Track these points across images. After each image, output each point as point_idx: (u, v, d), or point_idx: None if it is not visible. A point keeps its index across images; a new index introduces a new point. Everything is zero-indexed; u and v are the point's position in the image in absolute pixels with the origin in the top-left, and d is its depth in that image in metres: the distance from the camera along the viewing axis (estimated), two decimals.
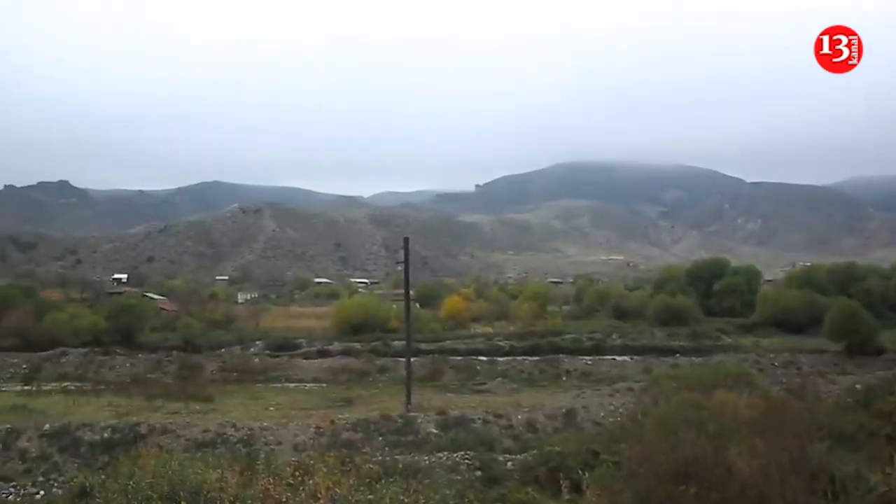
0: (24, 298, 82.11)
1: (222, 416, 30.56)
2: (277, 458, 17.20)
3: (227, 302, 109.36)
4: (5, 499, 18.48)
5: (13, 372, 51.10)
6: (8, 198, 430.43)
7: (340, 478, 10.71)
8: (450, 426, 28.00)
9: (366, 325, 68.84)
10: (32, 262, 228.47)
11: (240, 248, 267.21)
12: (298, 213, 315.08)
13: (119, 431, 26.78)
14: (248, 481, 11.24)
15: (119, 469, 14.82)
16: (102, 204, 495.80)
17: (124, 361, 53.60)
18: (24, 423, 28.14)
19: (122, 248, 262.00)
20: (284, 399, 40.16)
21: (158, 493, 10.93)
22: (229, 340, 64.94)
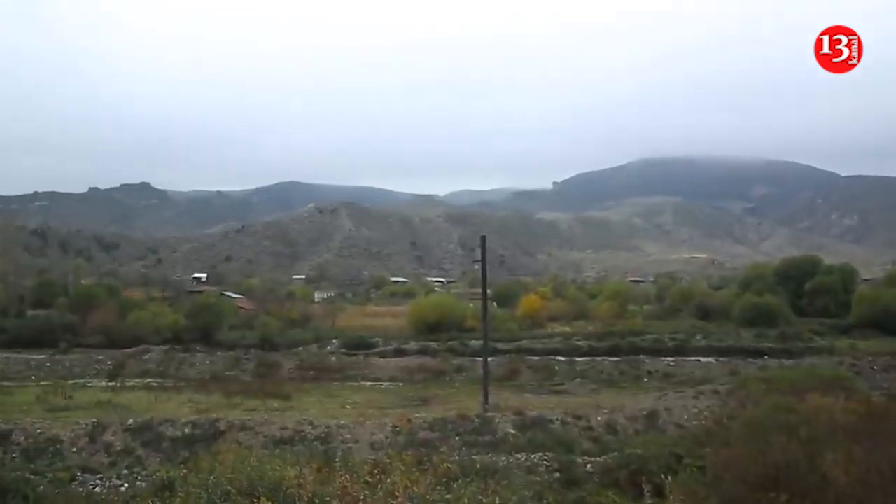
0: (108, 297, 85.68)
1: (300, 414, 31.03)
2: (354, 457, 17.38)
3: (303, 301, 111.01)
4: (92, 490, 19.21)
5: (98, 368, 53.03)
6: (92, 200, 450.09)
7: (418, 477, 10.71)
8: (527, 427, 27.76)
9: (442, 324, 69.01)
10: (116, 261, 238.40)
11: (316, 248, 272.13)
12: (375, 213, 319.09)
13: (199, 427, 27.48)
14: (325, 479, 11.33)
15: (199, 464, 15.20)
16: (182, 205, 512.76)
17: (204, 359, 55.03)
18: (109, 417, 29.15)
19: (202, 247, 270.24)
20: (361, 398, 40.54)
21: (237, 489, 11.13)
22: (306, 339, 65.92)
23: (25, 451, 25.55)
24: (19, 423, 28.00)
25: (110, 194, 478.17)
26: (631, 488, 15.85)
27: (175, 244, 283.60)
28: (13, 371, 52.16)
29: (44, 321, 76.04)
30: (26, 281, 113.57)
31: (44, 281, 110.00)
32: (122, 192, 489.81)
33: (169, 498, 12.33)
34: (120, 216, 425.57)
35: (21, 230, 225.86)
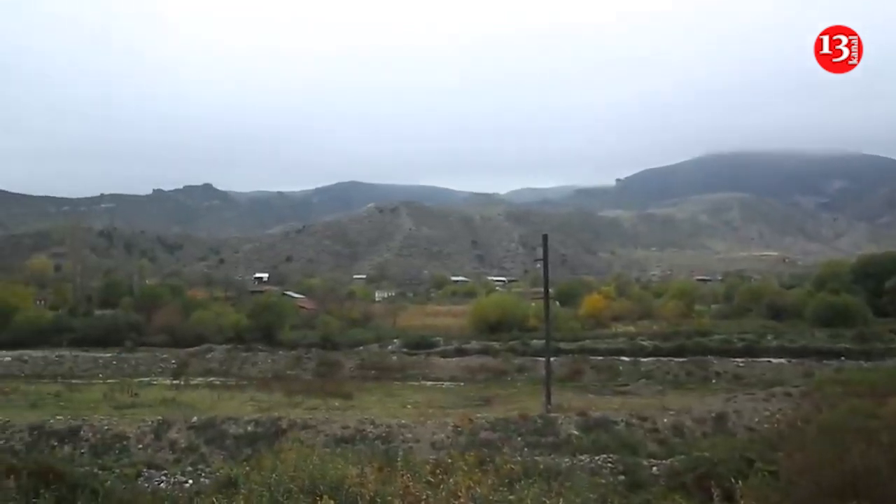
0: (172, 297, 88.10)
1: (361, 413, 31.32)
2: (416, 456, 17.41)
3: (364, 300, 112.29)
4: (157, 486, 19.70)
5: (163, 367, 54.61)
6: (156, 201, 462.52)
7: (480, 477, 10.66)
8: (591, 428, 27.46)
9: (504, 323, 68.91)
10: (179, 262, 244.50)
11: (377, 247, 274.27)
12: (435, 212, 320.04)
13: (261, 426, 27.95)
14: (387, 478, 11.35)
15: (262, 462, 15.41)
16: (244, 205, 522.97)
17: (265, 358, 56.08)
18: (174, 415, 29.90)
19: (263, 247, 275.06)
20: (422, 397, 40.72)
21: (299, 487, 11.25)
22: (367, 338, 66.54)
23: (94, 447, 26.38)
24: (87, 420, 28.93)
25: (174, 196, 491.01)
26: (699, 492, 15.50)
27: (237, 244, 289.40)
28: (81, 369, 54.06)
29: (110, 320, 78.55)
30: (93, 281, 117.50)
31: (110, 281, 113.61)
32: (184, 194, 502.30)
33: (232, 495, 12.52)
34: (183, 217, 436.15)
35: (88, 232, 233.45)
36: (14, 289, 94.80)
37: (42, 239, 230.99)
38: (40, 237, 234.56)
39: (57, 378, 50.76)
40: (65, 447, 25.98)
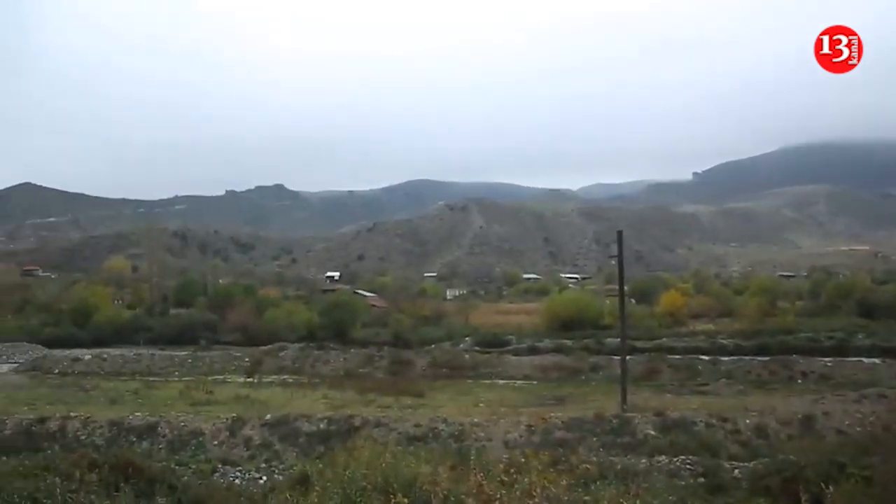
0: (245, 296, 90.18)
1: (433, 412, 31.41)
2: (488, 455, 17.35)
3: (435, 298, 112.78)
4: (232, 482, 20.14)
5: (237, 365, 55.85)
6: (229, 202, 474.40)
7: (555, 477, 10.53)
8: (669, 428, 26.94)
9: (577, 321, 68.43)
10: (252, 261, 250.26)
11: (447, 245, 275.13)
12: (506, 209, 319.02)
13: (334, 423, 28.34)
14: (459, 477, 11.31)
15: (335, 459, 15.57)
16: (315, 205, 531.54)
17: (338, 356, 56.76)
18: (248, 412, 30.59)
19: (334, 246, 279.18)
20: (494, 396, 40.63)
21: (372, 485, 11.30)
22: (439, 336, 66.86)
23: (170, 442, 27.20)
24: (164, 417, 29.85)
25: (246, 196, 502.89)
26: (784, 497, 14.99)
27: (308, 243, 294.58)
28: (158, 367, 55.72)
29: (185, 320, 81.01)
30: (169, 281, 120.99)
31: (185, 281, 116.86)
32: (256, 194, 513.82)
33: (305, 492, 12.68)
34: (255, 217, 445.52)
35: (163, 233, 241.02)
36: (93, 289, 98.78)
37: (119, 240, 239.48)
38: (118, 238, 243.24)
39: (135, 375, 52.55)
40: (143, 443, 26.86)
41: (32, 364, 58.05)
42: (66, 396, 39.15)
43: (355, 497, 10.89)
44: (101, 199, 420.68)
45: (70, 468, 14.17)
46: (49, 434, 28.13)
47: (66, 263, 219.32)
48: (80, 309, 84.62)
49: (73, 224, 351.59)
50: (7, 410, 32.20)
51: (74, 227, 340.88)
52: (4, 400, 37.15)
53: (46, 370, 55.21)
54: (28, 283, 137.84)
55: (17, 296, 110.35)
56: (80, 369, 55.18)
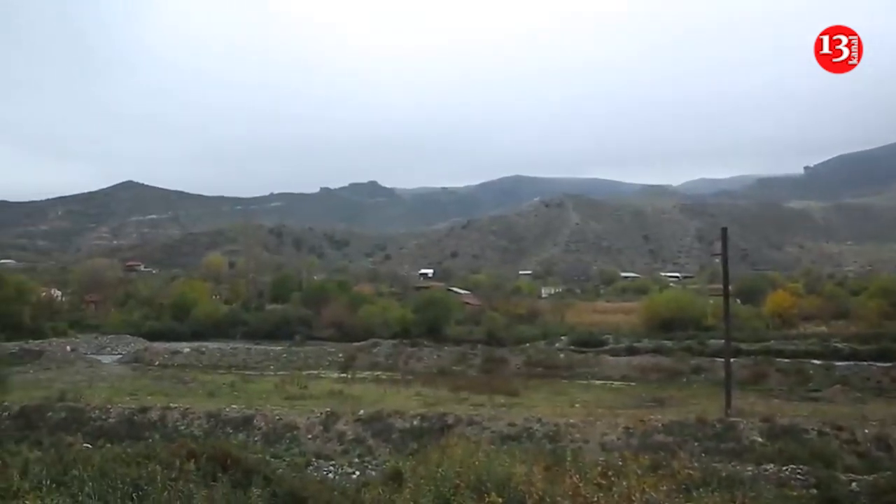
0: (340, 292, 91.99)
1: (527, 411, 31.26)
2: (585, 457, 17.13)
3: (530, 296, 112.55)
4: (325, 476, 20.55)
5: (331, 360, 57.15)
6: (323, 199, 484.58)
7: (655, 481, 10.30)
8: (777, 435, 26.01)
9: (678, 321, 67.18)
10: (346, 258, 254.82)
11: (543, 242, 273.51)
12: (603, 205, 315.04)
13: (427, 420, 28.58)
14: (554, 478, 11.22)
15: (428, 456, 15.67)
16: (409, 202, 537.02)
17: (431, 353, 57.31)
18: (342, 407, 31.15)
19: (428, 243, 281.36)
20: (590, 396, 40.19)
21: (465, 483, 11.31)
22: (533, 335, 66.70)
23: (266, 435, 28.00)
24: (260, 410, 30.74)
25: (340, 193, 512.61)
26: None
27: (402, 240, 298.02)
28: (254, 361, 57.50)
29: (281, 315, 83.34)
30: (265, 277, 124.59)
31: (280, 277, 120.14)
32: (351, 191, 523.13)
33: (398, 488, 12.81)
34: (349, 214, 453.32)
35: (259, 229, 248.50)
36: (192, 284, 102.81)
37: (217, 237, 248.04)
38: (216, 235, 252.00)
39: (231, 369, 54.44)
40: (239, 435, 27.70)
41: (134, 356, 60.83)
42: (165, 388, 40.76)
43: (448, 495, 10.93)
44: (200, 197, 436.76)
45: (170, 457, 14.75)
46: (150, 423, 29.39)
47: (166, 259, 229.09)
48: (179, 303, 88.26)
49: (173, 221, 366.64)
50: (111, 400, 33.80)
51: (175, 225, 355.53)
52: (108, 390, 38.96)
53: (147, 362, 57.78)
54: (131, 279, 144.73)
55: (120, 290, 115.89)
56: (179, 362, 57.51)
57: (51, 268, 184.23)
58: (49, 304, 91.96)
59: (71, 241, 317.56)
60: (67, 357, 58.09)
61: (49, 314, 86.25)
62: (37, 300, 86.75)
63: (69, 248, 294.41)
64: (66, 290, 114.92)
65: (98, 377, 46.83)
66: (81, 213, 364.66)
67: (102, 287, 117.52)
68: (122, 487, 11.31)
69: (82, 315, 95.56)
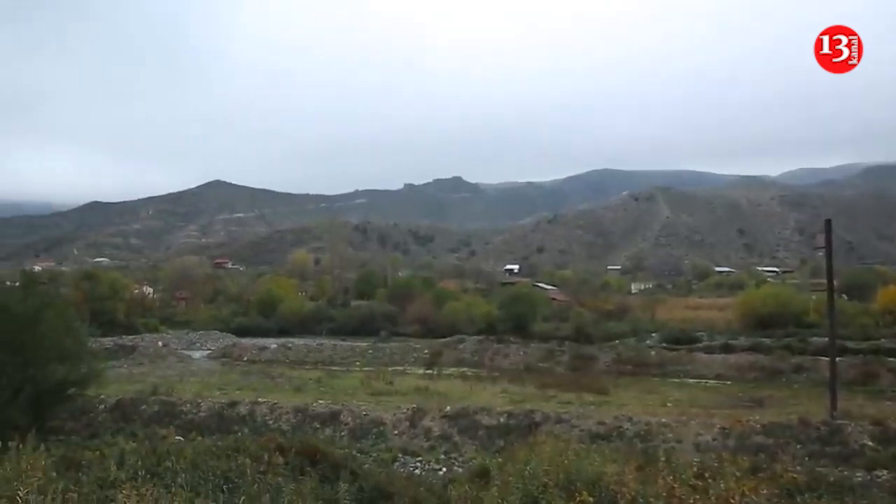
0: (424, 289, 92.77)
1: (617, 409, 30.87)
2: (678, 457, 16.80)
3: (619, 292, 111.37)
4: (412, 472, 20.72)
5: (416, 356, 57.69)
6: (408, 195, 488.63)
7: (756, 484, 10.00)
8: (890, 440, 24.88)
9: (777, 318, 65.34)
10: (430, 254, 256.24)
11: (632, 237, 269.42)
12: (695, 198, 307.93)
13: (514, 418, 28.51)
14: (647, 478, 11.08)
15: (516, 454, 15.63)
16: (493, 197, 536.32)
17: (517, 350, 57.20)
18: (428, 404, 31.36)
19: (513, 239, 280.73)
20: (683, 395, 39.40)
21: (554, 481, 11.23)
22: (623, 332, 66.04)
23: (352, 430, 28.44)
24: (346, 405, 31.22)
25: (424, 189, 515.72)
26: None
27: (487, 236, 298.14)
28: (340, 357, 58.49)
29: (366, 311, 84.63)
30: (350, 273, 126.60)
31: (365, 273, 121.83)
32: (435, 187, 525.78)
33: (485, 485, 12.80)
34: (434, 210, 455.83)
35: (344, 226, 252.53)
36: (279, 281, 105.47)
37: (303, 234, 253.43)
38: (301, 232, 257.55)
39: (318, 365, 55.48)
40: (326, 430, 28.27)
41: (223, 351, 62.72)
42: (253, 383, 41.82)
43: (536, 493, 10.88)
44: (285, 195, 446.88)
45: (259, 450, 15.22)
46: (239, 417, 30.22)
47: (253, 256, 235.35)
48: (266, 300, 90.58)
49: (259, 219, 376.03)
50: (201, 394, 34.89)
51: (261, 222, 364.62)
52: (198, 385, 40.22)
53: (236, 357, 59.49)
54: (219, 276, 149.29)
55: (209, 287, 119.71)
56: (266, 358, 58.95)
57: (142, 266, 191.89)
58: (141, 300, 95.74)
59: (161, 239, 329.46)
60: (159, 352, 60.32)
61: (141, 311, 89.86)
62: (130, 297, 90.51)
63: (160, 247, 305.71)
64: (157, 287, 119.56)
65: (188, 372, 48.47)
66: (171, 212, 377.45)
67: (192, 284, 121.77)
68: (212, 479, 11.76)
69: (173, 311, 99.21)
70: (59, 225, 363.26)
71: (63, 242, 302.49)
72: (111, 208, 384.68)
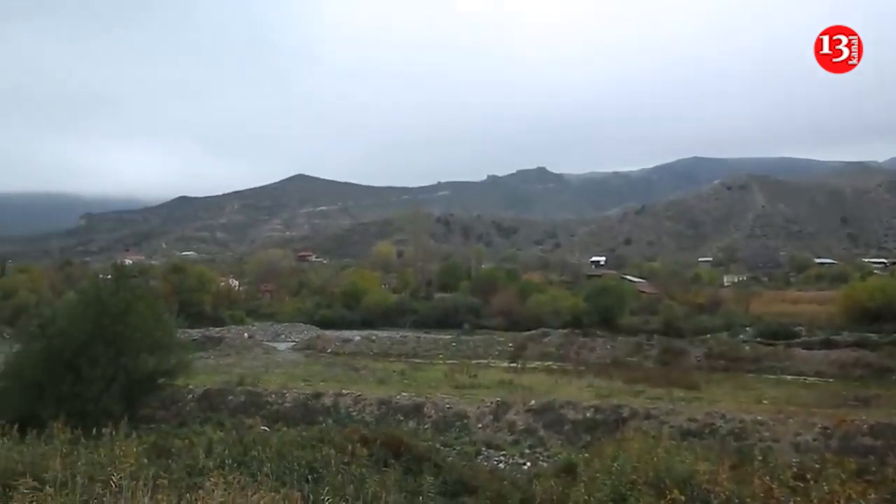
0: (508, 281, 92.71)
1: (709, 406, 30.15)
2: (776, 457, 16.33)
3: (711, 285, 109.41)
4: (496, 466, 20.72)
5: (500, 349, 57.68)
6: (491, 187, 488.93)
7: (864, 488, 9.60)
8: None
9: (886, 312, 62.96)
10: (514, 245, 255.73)
11: (724, 227, 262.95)
12: (793, 186, 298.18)
13: (601, 413, 28.13)
14: (742, 478, 10.86)
15: (602, 450, 15.46)
16: (578, 187, 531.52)
17: (604, 343, 56.62)
18: (512, 397, 31.26)
19: (599, 230, 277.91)
20: (780, 392, 38.23)
21: (643, 479, 11.05)
22: (715, 325, 65.07)
23: (435, 423, 28.58)
24: (430, 398, 31.38)
25: (507, 181, 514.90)
26: None
27: (572, 227, 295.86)
28: (423, 349, 58.94)
29: (449, 303, 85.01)
30: (433, 266, 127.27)
31: (448, 265, 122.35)
32: (518, 178, 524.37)
33: (571, 481, 12.66)
34: (517, 201, 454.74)
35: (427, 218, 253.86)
36: (362, 273, 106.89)
37: (386, 226, 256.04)
38: (384, 225, 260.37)
39: (401, 357, 56.15)
40: (409, 422, 28.46)
41: (307, 343, 63.90)
42: (337, 374, 42.46)
43: (625, 490, 10.75)
44: (368, 188, 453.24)
45: (343, 441, 15.50)
46: (323, 408, 30.72)
47: (336, 249, 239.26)
48: (350, 292, 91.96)
49: (342, 212, 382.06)
50: (286, 385, 35.60)
51: (344, 215, 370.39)
52: (283, 376, 41.07)
53: (320, 349, 60.53)
54: (303, 268, 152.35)
55: (293, 280, 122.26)
56: (350, 349, 59.83)
57: (228, 259, 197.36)
58: (227, 293, 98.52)
59: (246, 233, 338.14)
60: (245, 344, 61.80)
61: (228, 303, 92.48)
62: (216, 290, 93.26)
63: (245, 240, 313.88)
64: (242, 279, 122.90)
65: (273, 363, 49.54)
66: (255, 206, 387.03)
67: (276, 277, 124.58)
68: (297, 469, 12.14)
69: (258, 304, 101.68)
70: (148, 220, 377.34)
71: (152, 237, 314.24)
72: (198, 203, 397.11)
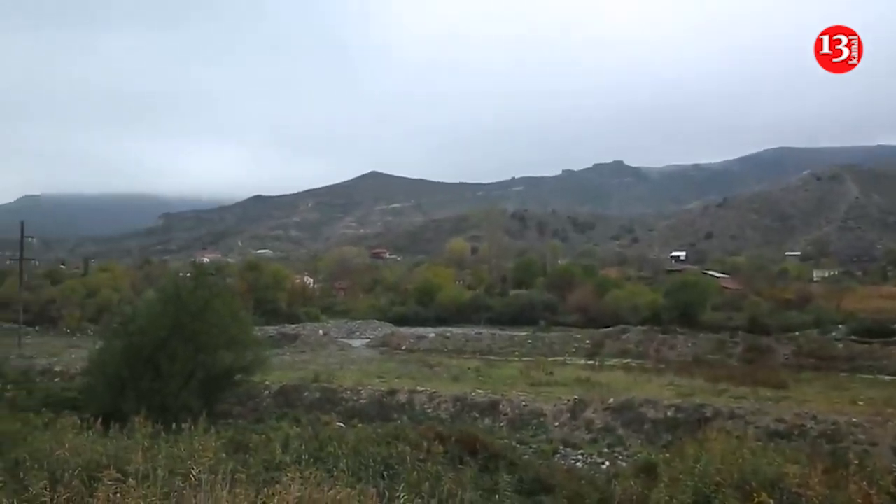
0: (585, 277, 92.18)
1: (798, 406, 29.29)
2: (873, 462, 15.75)
3: (800, 280, 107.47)
4: (573, 465, 20.54)
5: (577, 346, 57.41)
6: (566, 181, 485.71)
7: None
8: None
9: None
10: (591, 241, 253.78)
11: (814, 220, 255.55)
12: (890, 175, 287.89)
13: (682, 412, 27.60)
14: (836, 482, 10.55)
15: (684, 450, 15.17)
16: (656, 181, 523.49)
17: (685, 341, 55.79)
18: (590, 395, 30.92)
19: (679, 224, 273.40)
20: (877, 393, 36.85)
21: (727, 480, 10.84)
22: (804, 322, 63.96)
23: (511, 421, 28.49)
24: (505, 395, 31.31)
25: (583, 175, 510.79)
26: None
27: (651, 222, 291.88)
28: (498, 346, 58.94)
29: (525, 300, 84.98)
30: (507, 262, 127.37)
31: (523, 262, 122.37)
32: (594, 172, 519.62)
33: (652, 481, 12.47)
34: (593, 196, 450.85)
35: (502, 214, 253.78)
36: (436, 270, 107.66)
37: (460, 223, 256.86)
38: (458, 221, 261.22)
39: (476, 354, 56.08)
40: (485, 420, 28.45)
41: (382, 340, 64.58)
42: (412, 371, 42.68)
43: (708, 492, 10.57)
44: (441, 184, 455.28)
45: (418, 438, 15.62)
46: (398, 405, 30.92)
47: (410, 246, 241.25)
48: (424, 289, 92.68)
49: (416, 209, 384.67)
50: (361, 382, 35.94)
51: (417, 212, 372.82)
52: (358, 372, 41.48)
53: (394, 346, 61.06)
54: (377, 265, 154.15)
55: (367, 277, 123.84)
56: (424, 346, 60.19)
57: (303, 257, 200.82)
58: (302, 290, 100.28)
59: (320, 230, 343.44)
60: (320, 341, 62.76)
61: (303, 300, 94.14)
62: (291, 287, 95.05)
63: (319, 238, 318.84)
64: (317, 277, 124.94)
65: (348, 360, 50.10)
66: (329, 203, 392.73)
67: (350, 274, 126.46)
68: (373, 465, 12.35)
69: (333, 301, 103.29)
70: (224, 219, 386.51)
71: (228, 235, 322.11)
72: (272, 202, 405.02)
